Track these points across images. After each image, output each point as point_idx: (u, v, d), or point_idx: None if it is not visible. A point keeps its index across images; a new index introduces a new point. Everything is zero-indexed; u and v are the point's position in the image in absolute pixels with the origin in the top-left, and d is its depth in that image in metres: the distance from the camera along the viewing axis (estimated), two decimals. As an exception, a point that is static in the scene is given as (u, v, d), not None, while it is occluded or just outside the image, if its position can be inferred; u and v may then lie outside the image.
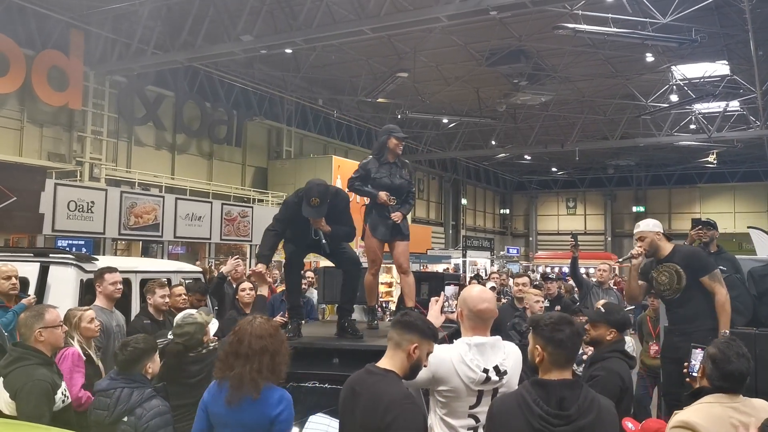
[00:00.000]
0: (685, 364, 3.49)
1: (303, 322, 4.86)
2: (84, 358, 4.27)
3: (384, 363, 2.82)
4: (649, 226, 4.98)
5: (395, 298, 11.49)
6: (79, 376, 4.13)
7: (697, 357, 3.36)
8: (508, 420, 2.56)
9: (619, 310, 4.26)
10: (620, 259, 5.06)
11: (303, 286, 7.31)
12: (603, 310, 4.16)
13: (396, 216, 4.96)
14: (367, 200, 5.19)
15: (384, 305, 11.12)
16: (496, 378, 2.94)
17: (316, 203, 4.38)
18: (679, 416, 2.85)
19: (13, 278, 5.02)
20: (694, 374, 3.32)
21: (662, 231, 5.05)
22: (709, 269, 4.77)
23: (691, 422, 2.75)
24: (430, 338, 2.84)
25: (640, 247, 4.93)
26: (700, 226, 5.92)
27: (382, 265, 5.73)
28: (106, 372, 4.07)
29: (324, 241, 4.60)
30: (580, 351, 6.46)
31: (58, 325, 3.93)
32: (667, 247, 4.93)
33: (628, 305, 8.17)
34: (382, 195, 4.87)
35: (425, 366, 2.86)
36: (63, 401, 3.73)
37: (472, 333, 3.05)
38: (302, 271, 6.07)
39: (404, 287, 5.16)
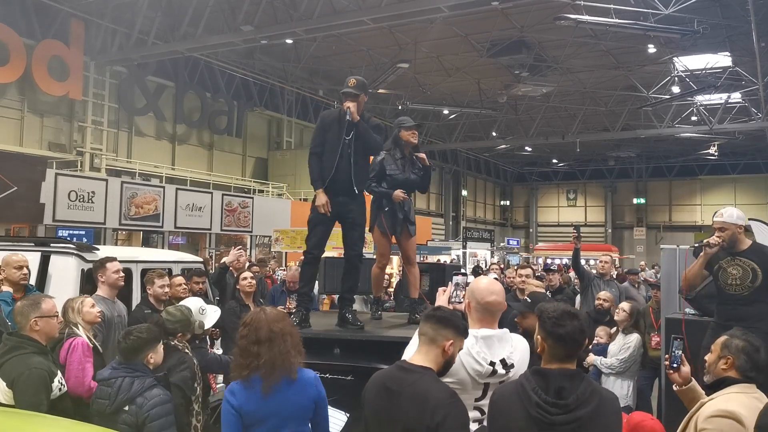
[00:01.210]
0: (666, 356, 3.34)
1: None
2: (92, 346, 4.28)
3: (417, 359, 2.70)
4: (733, 217, 4.68)
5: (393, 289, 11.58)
6: (90, 366, 4.14)
7: (679, 346, 3.28)
8: (507, 407, 2.55)
9: (545, 297, 4.17)
10: (695, 244, 4.74)
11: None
12: (529, 300, 4.08)
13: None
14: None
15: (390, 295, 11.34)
16: (503, 371, 2.90)
17: (353, 84, 4.77)
18: (716, 405, 2.82)
19: (24, 268, 5.04)
20: (676, 365, 3.25)
21: (745, 224, 4.80)
22: None
23: (734, 411, 2.72)
24: (463, 334, 2.76)
25: (719, 237, 4.64)
26: None
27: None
28: (107, 362, 4.07)
29: (351, 127, 4.74)
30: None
31: (54, 314, 3.92)
32: (745, 242, 4.72)
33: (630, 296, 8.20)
34: (399, 194, 4.94)
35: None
36: (60, 389, 3.74)
37: (480, 325, 2.99)
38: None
39: (410, 278, 5.21)
